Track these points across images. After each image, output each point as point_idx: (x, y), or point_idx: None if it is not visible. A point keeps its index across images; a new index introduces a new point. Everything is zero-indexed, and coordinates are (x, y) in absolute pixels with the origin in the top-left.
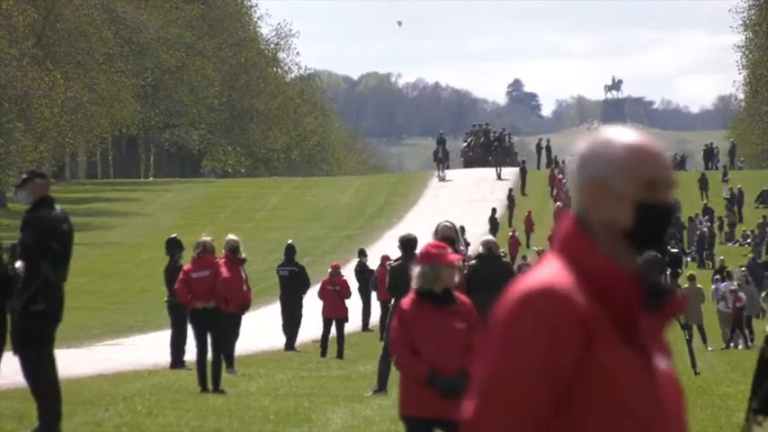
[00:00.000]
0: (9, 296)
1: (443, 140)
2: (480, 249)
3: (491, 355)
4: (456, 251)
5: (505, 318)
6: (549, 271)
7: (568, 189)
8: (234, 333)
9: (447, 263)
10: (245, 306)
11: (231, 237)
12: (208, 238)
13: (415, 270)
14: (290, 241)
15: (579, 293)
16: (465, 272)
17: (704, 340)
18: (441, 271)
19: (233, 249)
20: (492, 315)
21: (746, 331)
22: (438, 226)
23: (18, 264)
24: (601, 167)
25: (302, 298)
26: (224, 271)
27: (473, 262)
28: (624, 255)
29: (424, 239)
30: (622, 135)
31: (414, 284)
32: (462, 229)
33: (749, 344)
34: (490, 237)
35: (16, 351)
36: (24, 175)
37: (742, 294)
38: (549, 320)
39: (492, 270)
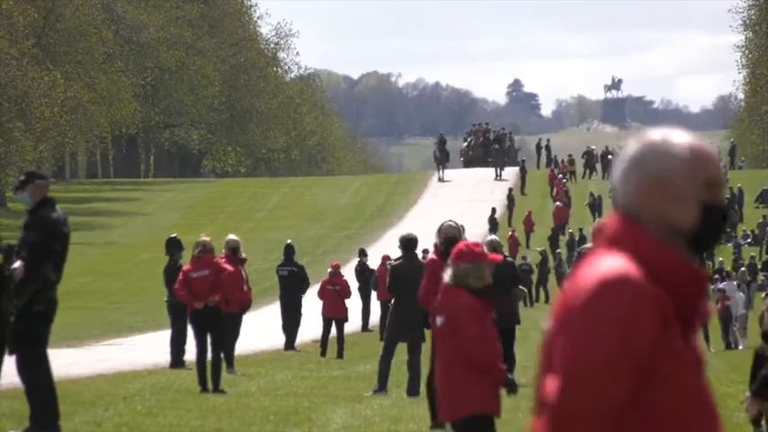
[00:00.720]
0: (5, 296)
1: (444, 141)
2: (485, 249)
3: (573, 340)
4: None
5: (585, 304)
6: (617, 261)
7: (614, 187)
8: (234, 333)
9: (490, 261)
10: (245, 306)
11: (231, 237)
12: (207, 238)
13: (460, 268)
14: (288, 241)
15: (650, 282)
16: None
17: (707, 341)
18: (485, 269)
19: (233, 249)
20: (564, 303)
21: (742, 331)
22: (442, 226)
23: (16, 264)
24: (663, 166)
25: (302, 298)
26: (226, 268)
27: None
28: (681, 252)
29: (425, 239)
30: (679, 135)
31: (458, 282)
32: (462, 228)
33: (742, 344)
34: (494, 236)
35: (13, 351)
36: (23, 177)
37: (740, 294)
38: (630, 305)
39: (497, 269)
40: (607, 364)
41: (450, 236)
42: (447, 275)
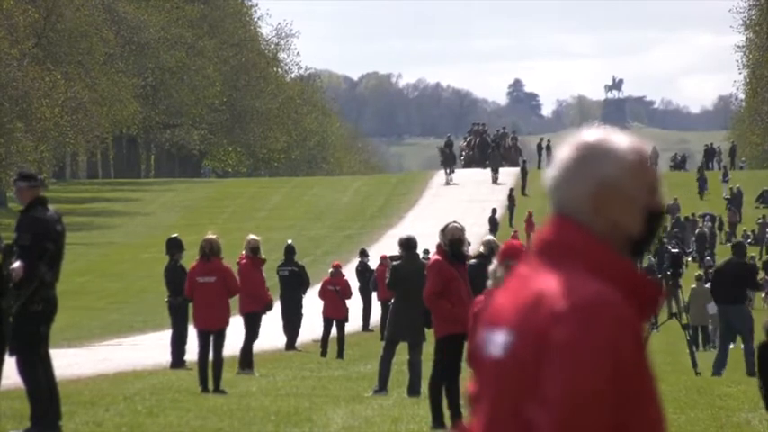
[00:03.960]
0: (3, 295)
1: (450, 143)
2: (481, 249)
3: (565, 375)
4: (463, 252)
5: (570, 333)
6: (587, 282)
7: (554, 190)
8: (254, 333)
9: None
10: (267, 305)
11: (252, 237)
12: (214, 236)
13: None
14: (289, 241)
15: (624, 301)
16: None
17: (708, 340)
18: None
19: (254, 250)
20: (545, 333)
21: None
22: (446, 227)
23: (16, 264)
24: (614, 169)
25: (302, 298)
26: (233, 275)
27: (473, 261)
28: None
29: (426, 239)
30: (621, 137)
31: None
32: (463, 229)
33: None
34: (491, 237)
35: (13, 351)
36: (15, 177)
37: None
38: (615, 333)
39: (480, 269)
40: (601, 397)
41: (455, 237)
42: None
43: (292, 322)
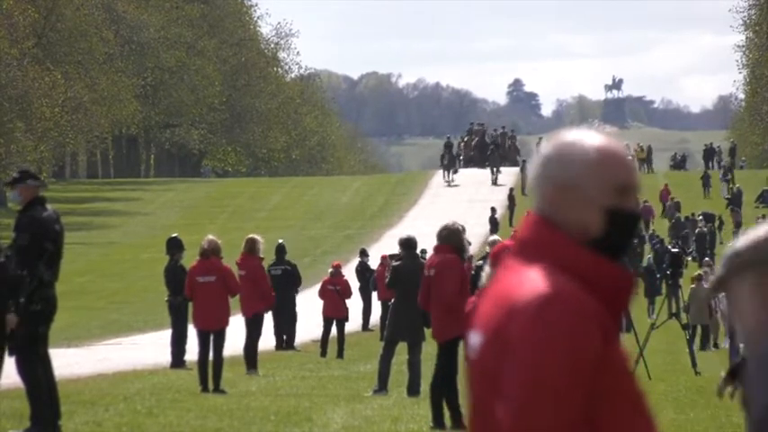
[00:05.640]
0: (15, 296)
1: (450, 144)
2: (487, 248)
3: (521, 367)
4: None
5: (526, 326)
6: (550, 275)
7: (531, 189)
8: (257, 332)
9: None
10: (270, 305)
11: (253, 236)
12: (213, 237)
13: None
14: (280, 240)
15: (586, 294)
16: (472, 272)
17: (707, 340)
18: None
19: (254, 249)
20: (498, 320)
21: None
22: (463, 230)
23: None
24: (570, 170)
25: (295, 296)
26: (233, 275)
27: (479, 262)
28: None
29: (426, 239)
30: (591, 137)
31: None
32: (463, 229)
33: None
34: (496, 236)
35: (12, 351)
36: (16, 175)
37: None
38: (574, 324)
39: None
40: (560, 389)
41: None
42: None
43: (287, 322)
